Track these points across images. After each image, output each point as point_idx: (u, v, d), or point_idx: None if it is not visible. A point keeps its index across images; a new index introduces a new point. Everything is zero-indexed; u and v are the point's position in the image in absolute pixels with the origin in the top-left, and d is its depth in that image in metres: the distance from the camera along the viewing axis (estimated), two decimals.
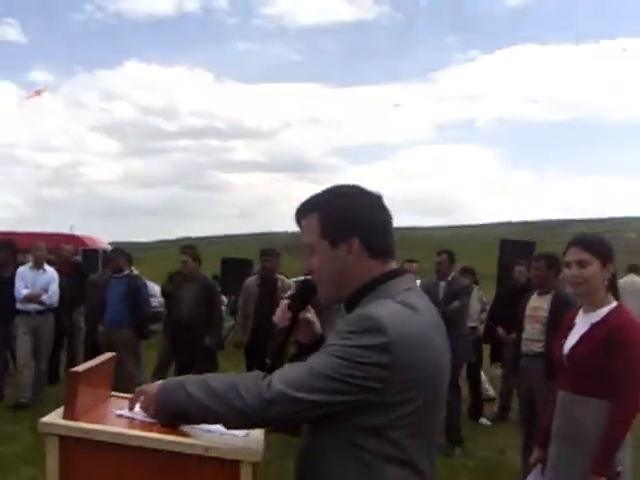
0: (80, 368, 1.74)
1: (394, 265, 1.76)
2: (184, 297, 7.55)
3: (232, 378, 1.63)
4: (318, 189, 1.77)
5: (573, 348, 3.12)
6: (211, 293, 7.68)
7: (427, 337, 1.63)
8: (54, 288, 8.09)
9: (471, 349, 7.21)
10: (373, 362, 1.54)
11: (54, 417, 1.67)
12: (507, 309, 7.18)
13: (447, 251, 7.08)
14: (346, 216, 1.70)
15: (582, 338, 3.11)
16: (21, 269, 8.04)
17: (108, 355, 2.00)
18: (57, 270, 8.38)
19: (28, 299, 7.83)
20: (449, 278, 6.86)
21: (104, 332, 7.70)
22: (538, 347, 5.56)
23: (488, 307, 8.72)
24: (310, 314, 1.89)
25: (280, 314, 1.86)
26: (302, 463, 1.74)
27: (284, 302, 1.86)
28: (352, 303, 1.72)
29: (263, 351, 6.64)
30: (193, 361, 7.17)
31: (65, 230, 19.48)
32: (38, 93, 25.31)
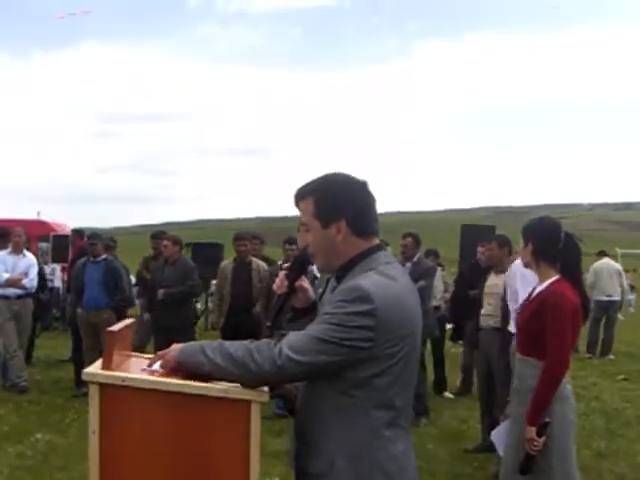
0: (115, 328, 2.08)
1: (377, 242, 2.11)
2: (166, 281, 7.80)
3: (247, 345, 1.94)
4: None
5: (519, 314, 3.58)
6: (188, 274, 7.91)
7: (404, 301, 1.99)
8: (33, 273, 8.26)
9: (435, 324, 7.61)
10: (361, 325, 1.89)
11: (94, 368, 1.99)
12: (470, 288, 7.64)
13: (412, 234, 7.45)
14: (335, 201, 2.05)
15: (526, 306, 3.57)
16: (0, 254, 8.18)
17: (129, 320, 2.34)
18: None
19: (9, 283, 8.00)
20: (414, 259, 7.24)
21: (83, 315, 7.93)
22: (494, 322, 6.01)
23: (450, 288, 9.18)
24: (305, 282, 2.23)
25: (279, 282, 2.20)
26: (300, 412, 2.09)
27: (283, 272, 2.21)
28: (341, 274, 2.08)
29: (239, 332, 6.93)
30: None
31: (32, 216, 19.41)
32: (86, 12, 27.31)
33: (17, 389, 7.92)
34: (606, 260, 12.90)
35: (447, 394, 8.59)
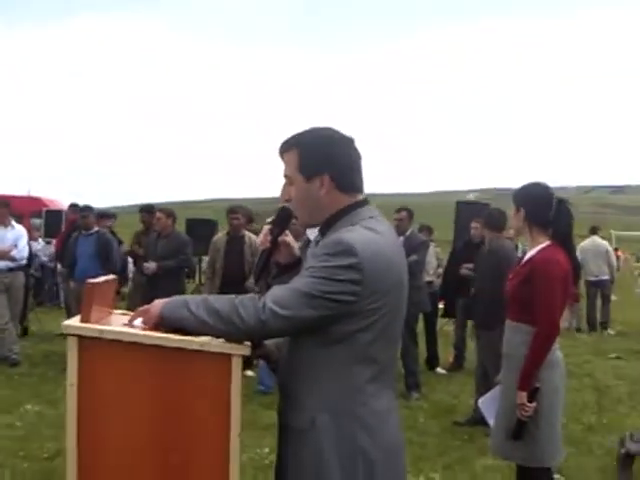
0: (94, 281, 2.04)
1: (361, 197, 2.07)
2: (160, 254, 7.71)
3: (232, 299, 1.90)
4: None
5: (509, 280, 3.56)
6: (181, 247, 7.83)
7: (389, 255, 1.95)
8: (23, 244, 8.22)
9: (427, 299, 7.59)
10: (347, 279, 1.85)
11: (73, 321, 1.96)
12: (461, 264, 7.67)
13: (406, 208, 7.46)
14: (319, 155, 2.01)
15: (515, 272, 3.55)
16: None
17: (111, 277, 2.30)
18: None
19: None
20: (407, 233, 7.22)
21: (75, 287, 7.91)
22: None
23: (444, 264, 9.17)
24: (288, 237, 2.19)
25: (262, 238, 2.17)
26: (283, 367, 2.06)
27: (266, 227, 2.17)
28: (324, 229, 2.04)
29: None
30: None
31: (22, 192, 19.48)
32: None
33: (8, 362, 7.90)
34: (592, 239, 12.75)
35: (439, 370, 8.59)
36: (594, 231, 13.00)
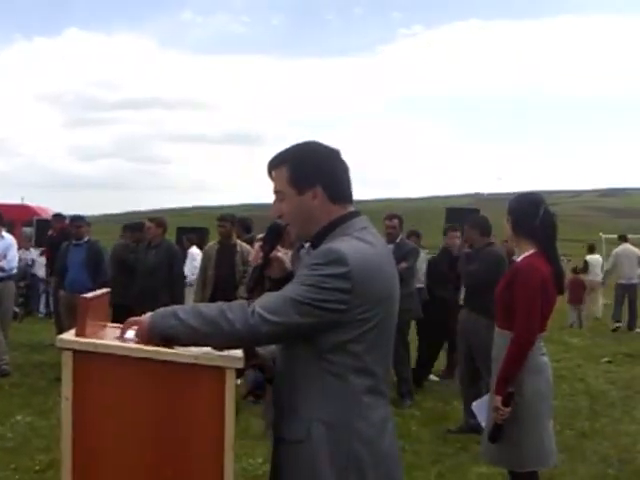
0: (88, 296, 2.04)
1: (352, 208, 2.08)
2: (149, 264, 7.67)
3: (220, 305, 1.92)
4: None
5: (497, 287, 3.61)
6: (172, 257, 7.81)
7: (380, 265, 1.97)
8: (12, 254, 8.19)
9: (419, 307, 7.60)
10: (336, 288, 1.87)
11: (68, 335, 1.95)
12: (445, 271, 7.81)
13: (397, 215, 7.46)
14: (309, 167, 2.03)
15: (502, 278, 3.62)
16: None
17: (104, 290, 2.30)
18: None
19: None
20: (397, 240, 7.23)
21: (65, 297, 7.86)
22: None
23: None
24: (280, 253, 2.20)
25: (255, 254, 2.18)
26: (278, 378, 2.06)
27: (257, 244, 2.18)
28: (317, 241, 2.05)
29: None
30: None
31: (16, 201, 19.58)
32: None
33: (2, 373, 7.83)
34: (624, 246, 13.73)
35: (432, 377, 8.58)
36: (624, 239, 14.04)
